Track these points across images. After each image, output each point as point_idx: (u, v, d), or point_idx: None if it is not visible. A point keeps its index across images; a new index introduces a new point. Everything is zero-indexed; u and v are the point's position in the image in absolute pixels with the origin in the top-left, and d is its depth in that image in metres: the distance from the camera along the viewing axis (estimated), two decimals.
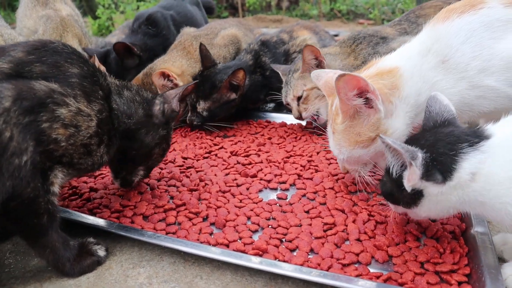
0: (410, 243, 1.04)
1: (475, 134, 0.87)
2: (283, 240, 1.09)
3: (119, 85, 1.16)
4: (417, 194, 0.90)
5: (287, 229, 1.12)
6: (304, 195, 1.30)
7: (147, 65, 1.98)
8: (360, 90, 1.05)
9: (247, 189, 1.35)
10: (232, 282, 0.99)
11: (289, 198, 1.29)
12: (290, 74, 1.73)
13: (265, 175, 1.42)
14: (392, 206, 1.01)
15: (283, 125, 1.90)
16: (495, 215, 0.86)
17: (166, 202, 1.27)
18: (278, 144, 1.70)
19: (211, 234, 1.12)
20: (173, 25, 2.38)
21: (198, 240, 1.09)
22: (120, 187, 1.31)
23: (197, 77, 1.86)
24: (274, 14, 5.81)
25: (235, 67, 1.80)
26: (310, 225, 1.13)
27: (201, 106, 1.81)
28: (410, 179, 0.88)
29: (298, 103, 1.71)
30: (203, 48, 1.84)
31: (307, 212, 1.20)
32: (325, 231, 1.10)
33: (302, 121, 1.79)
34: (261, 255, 1.01)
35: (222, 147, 1.69)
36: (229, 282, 0.99)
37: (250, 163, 1.52)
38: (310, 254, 1.03)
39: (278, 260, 1.00)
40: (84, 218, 1.17)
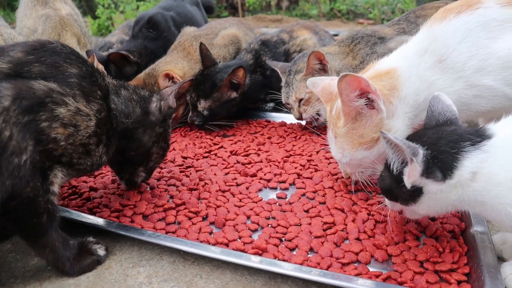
0: (410, 242, 1.04)
1: (477, 133, 0.87)
2: (283, 239, 1.09)
3: (117, 84, 1.17)
4: (416, 191, 0.89)
5: (287, 228, 1.12)
6: (303, 195, 1.30)
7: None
8: (361, 91, 1.05)
9: (247, 188, 1.35)
10: (231, 281, 0.99)
11: (288, 197, 1.29)
12: (292, 75, 1.73)
13: (264, 175, 1.42)
14: (388, 203, 1.01)
15: (283, 124, 1.90)
16: (495, 215, 0.86)
17: (165, 201, 1.27)
18: (278, 143, 1.70)
19: (211, 233, 1.12)
20: (173, 25, 2.38)
21: (197, 239, 1.09)
22: (126, 189, 1.32)
23: (197, 76, 1.86)
24: (274, 14, 5.81)
25: (235, 66, 1.81)
26: (310, 224, 1.13)
27: (201, 105, 1.81)
28: (411, 176, 0.87)
29: (299, 105, 1.71)
30: (203, 47, 1.84)
31: (307, 211, 1.20)
32: (324, 230, 1.10)
33: (301, 121, 1.80)
34: (260, 254, 1.01)
35: (221, 147, 1.69)
36: (228, 281, 0.99)
37: (250, 163, 1.52)
38: (309, 253, 1.03)
39: (278, 259, 1.01)
40: (84, 217, 1.17)
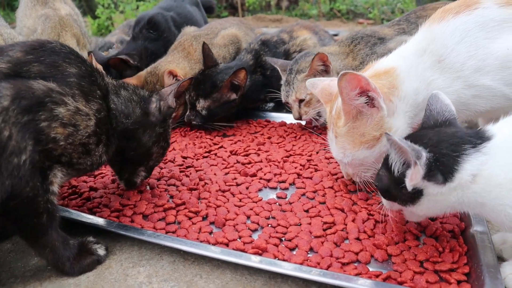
0: (410, 242, 1.04)
1: (477, 135, 0.87)
2: (283, 239, 1.09)
3: (116, 85, 1.16)
4: (416, 193, 0.89)
5: (287, 228, 1.12)
6: (303, 194, 1.30)
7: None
8: (361, 89, 1.06)
9: (247, 188, 1.35)
10: (231, 281, 0.99)
11: (288, 197, 1.29)
12: (293, 74, 1.72)
13: (264, 174, 1.42)
14: (386, 202, 1.00)
15: (283, 124, 1.90)
16: (495, 216, 0.86)
17: (165, 201, 1.27)
18: (278, 143, 1.70)
19: (211, 233, 1.12)
20: (173, 26, 2.38)
21: (197, 239, 1.09)
22: (126, 189, 1.32)
23: (198, 75, 1.86)
24: (273, 13, 5.81)
25: (237, 67, 1.80)
26: (310, 224, 1.13)
27: (200, 105, 1.81)
28: (413, 178, 0.87)
29: (300, 105, 1.71)
30: (206, 47, 1.84)
31: (307, 211, 1.20)
32: (324, 230, 1.10)
33: (301, 120, 1.79)
34: (260, 254, 1.01)
35: (221, 147, 1.69)
36: (228, 281, 0.99)
37: (250, 163, 1.52)
38: (309, 253, 1.03)
39: (278, 259, 1.01)
40: (84, 217, 1.17)
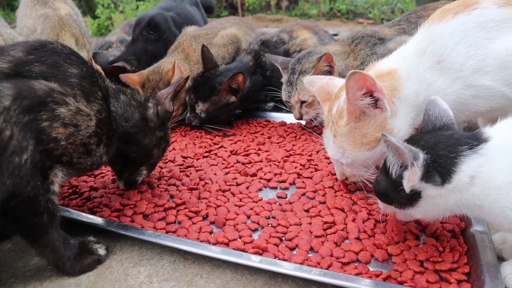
0: (410, 242, 1.04)
1: (474, 137, 0.87)
2: (283, 239, 1.09)
3: (115, 88, 1.17)
4: (414, 195, 0.89)
5: (287, 228, 1.12)
6: (303, 194, 1.30)
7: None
8: (367, 89, 1.05)
9: (247, 188, 1.35)
10: (232, 280, 0.99)
11: (288, 197, 1.29)
12: (296, 74, 1.70)
13: (264, 174, 1.42)
14: (382, 205, 1.00)
15: (283, 124, 1.90)
16: (493, 218, 0.86)
17: (166, 201, 1.27)
18: (278, 143, 1.70)
19: (211, 233, 1.13)
20: (173, 26, 2.37)
21: (198, 239, 1.09)
22: (125, 189, 1.32)
23: (197, 78, 1.86)
24: (273, 13, 5.81)
25: (236, 70, 1.80)
26: (310, 224, 1.13)
27: (199, 108, 1.81)
28: (410, 180, 0.86)
29: (301, 106, 1.70)
30: (205, 50, 1.83)
31: (307, 211, 1.20)
32: (324, 230, 1.10)
33: (301, 120, 1.79)
34: (261, 254, 1.02)
35: (221, 146, 1.69)
36: (229, 281, 0.99)
37: (250, 162, 1.52)
38: (310, 252, 1.03)
39: (278, 258, 1.01)
40: (84, 217, 1.17)
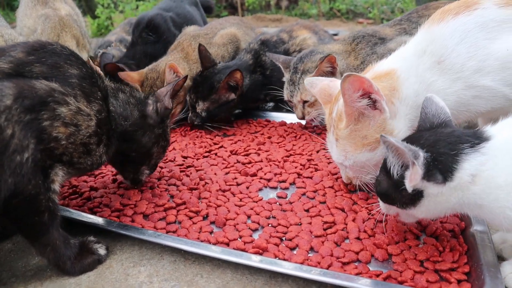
0: (410, 242, 1.04)
1: (475, 135, 0.87)
2: (283, 238, 1.09)
3: (114, 87, 1.18)
4: (417, 195, 0.88)
5: (287, 227, 1.12)
6: (304, 194, 1.30)
7: None
8: (364, 91, 1.05)
9: (247, 188, 1.35)
10: (232, 280, 0.99)
11: (289, 197, 1.29)
12: (299, 73, 1.69)
13: (265, 174, 1.42)
14: (383, 206, 1.00)
15: (283, 124, 1.90)
16: (493, 218, 0.86)
17: (166, 201, 1.27)
18: (278, 143, 1.70)
19: (211, 232, 1.13)
20: (173, 26, 2.37)
21: (198, 238, 1.09)
22: (132, 187, 1.33)
23: (196, 77, 1.86)
24: (273, 13, 5.80)
25: (235, 67, 1.80)
26: (310, 223, 1.14)
27: (200, 107, 1.81)
28: (412, 179, 0.86)
29: (304, 106, 1.70)
30: (202, 48, 1.83)
31: (307, 210, 1.20)
32: (325, 230, 1.10)
33: (303, 120, 1.79)
34: (261, 254, 1.02)
35: (222, 146, 1.69)
36: (229, 281, 0.99)
37: (250, 162, 1.52)
38: (310, 252, 1.04)
39: (278, 258, 1.01)
40: (84, 217, 1.17)
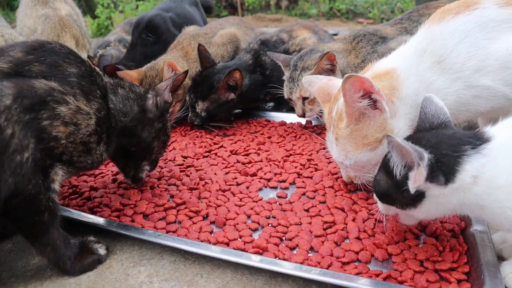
0: (410, 242, 1.04)
1: (476, 136, 0.86)
2: (283, 238, 1.09)
3: (113, 83, 1.18)
4: (418, 196, 0.88)
5: (287, 227, 1.12)
6: (304, 194, 1.30)
7: None
8: (365, 91, 1.05)
9: (247, 188, 1.35)
10: (232, 280, 0.99)
11: (289, 196, 1.29)
12: (298, 70, 1.69)
13: (265, 174, 1.42)
14: (382, 207, 0.99)
15: (283, 124, 1.90)
16: (494, 218, 0.86)
17: (166, 201, 1.27)
18: (278, 143, 1.70)
19: (211, 232, 1.13)
20: (172, 26, 2.37)
21: (198, 238, 1.09)
22: (133, 185, 1.34)
23: (196, 77, 1.86)
24: (273, 13, 5.80)
25: (234, 67, 1.80)
26: (310, 223, 1.14)
27: (199, 107, 1.81)
28: (416, 180, 0.85)
29: (303, 103, 1.70)
30: (202, 48, 1.83)
31: (307, 210, 1.20)
32: (325, 230, 1.10)
33: (304, 118, 1.79)
34: (261, 254, 1.02)
35: (222, 146, 1.69)
36: (229, 281, 0.99)
37: (250, 162, 1.52)
38: (310, 252, 1.04)
39: (278, 258, 1.01)
40: (84, 217, 1.17)
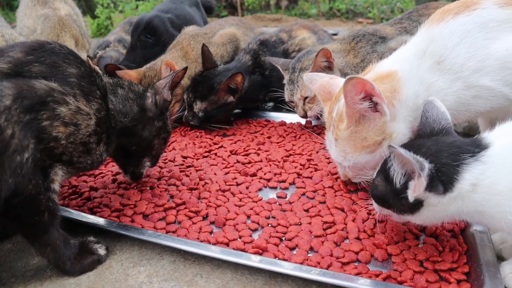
0: (409, 242, 1.05)
1: (475, 143, 0.86)
2: (283, 238, 1.09)
3: (113, 83, 1.18)
4: (416, 204, 0.88)
5: (287, 227, 1.12)
6: (303, 194, 1.30)
7: None
8: (366, 93, 1.05)
9: (247, 188, 1.35)
10: (232, 280, 0.99)
11: (288, 197, 1.30)
12: (297, 72, 1.70)
13: (264, 174, 1.42)
14: (377, 207, 0.99)
15: (283, 124, 1.90)
16: (494, 223, 0.86)
17: (166, 201, 1.27)
18: (278, 143, 1.70)
19: (211, 233, 1.13)
20: (171, 27, 2.37)
21: (198, 239, 1.09)
22: (131, 181, 1.34)
23: (196, 77, 1.86)
24: (273, 13, 5.81)
25: (235, 70, 1.80)
26: (310, 223, 1.14)
27: (197, 107, 1.81)
28: (416, 190, 0.85)
29: (304, 103, 1.71)
30: (205, 49, 1.83)
31: (307, 210, 1.20)
32: (324, 230, 1.10)
33: (306, 119, 1.79)
34: (261, 254, 1.02)
35: (221, 146, 1.69)
36: (229, 281, 0.99)
37: (250, 162, 1.52)
38: (309, 252, 1.04)
39: (278, 258, 1.01)
40: (84, 217, 1.17)
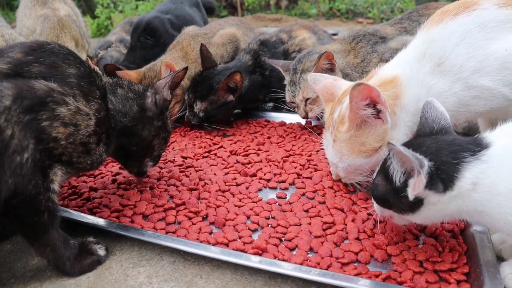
0: (409, 242, 1.04)
1: (475, 142, 0.86)
2: (283, 239, 1.09)
3: (112, 83, 1.18)
4: (417, 203, 0.88)
5: (287, 228, 1.12)
6: (303, 194, 1.30)
7: None
8: (371, 100, 1.06)
9: (247, 188, 1.35)
10: (231, 281, 0.99)
11: (288, 197, 1.29)
12: (298, 73, 1.71)
13: (264, 174, 1.42)
14: (377, 208, 0.99)
15: (283, 124, 1.90)
16: (494, 224, 0.86)
17: (165, 201, 1.27)
18: (278, 143, 1.70)
19: (211, 233, 1.13)
20: (171, 28, 2.37)
21: (197, 239, 1.09)
22: (137, 178, 1.37)
23: (196, 77, 1.86)
24: (273, 13, 5.80)
25: (235, 69, 1.80)
26: (310, 224, 1.14)
27: (197, 107, 1.81)
28: (415, 188, 0.85)
29: (306, 104, 1.71)
30: (204, 49, 1.83)
31: (307, 211, 1.20)
32: (324, 230, 1.10)
33: (307, 119, 1.79)
34: (260, 254, 1.02)
35: (221, 147, 1.69)
36: (228, 281, 0.99)
37: (250, 162, 1.52)
38: (309, 253, 1.04)
39: (278, 259, 1.01)
40: (84, 217, 1.17)
